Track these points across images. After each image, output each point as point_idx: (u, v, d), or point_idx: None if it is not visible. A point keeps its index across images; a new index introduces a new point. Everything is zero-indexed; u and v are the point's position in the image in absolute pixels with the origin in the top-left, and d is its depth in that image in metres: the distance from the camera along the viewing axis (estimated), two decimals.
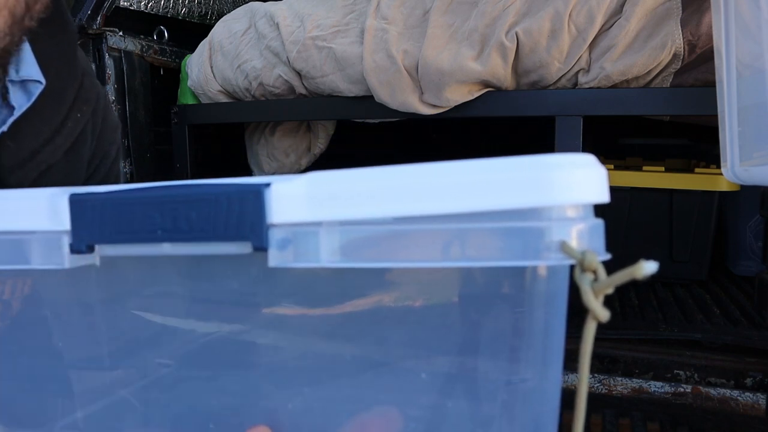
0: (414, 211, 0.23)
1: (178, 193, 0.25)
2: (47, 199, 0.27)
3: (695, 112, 0.85)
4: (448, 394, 0.26)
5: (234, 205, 0.24)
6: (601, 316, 0.21)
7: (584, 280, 0.21)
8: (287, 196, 0.24)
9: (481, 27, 0.88)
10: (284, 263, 0.24)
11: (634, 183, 1.12)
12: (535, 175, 0.22)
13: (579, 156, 0.23)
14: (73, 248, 0.26)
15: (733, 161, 0.61)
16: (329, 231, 0.24)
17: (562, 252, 0.21)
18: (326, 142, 1.31)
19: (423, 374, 0.27)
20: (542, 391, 0.25)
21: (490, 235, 0.22)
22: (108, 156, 0.65)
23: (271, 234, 0.24)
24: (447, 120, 0.97)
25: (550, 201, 0.22)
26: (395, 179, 0.23)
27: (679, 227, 1.13)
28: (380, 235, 0.23)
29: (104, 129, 0.64)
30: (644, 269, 0.20)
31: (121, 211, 0.25)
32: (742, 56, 0.58)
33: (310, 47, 0.99)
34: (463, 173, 0.22)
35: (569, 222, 0.22)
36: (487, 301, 0.26)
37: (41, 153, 0.54)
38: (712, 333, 0.89)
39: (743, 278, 1.22)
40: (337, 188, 0.24)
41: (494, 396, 0.26)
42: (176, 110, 1.18)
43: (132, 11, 1.15)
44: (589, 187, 0.22)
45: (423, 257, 0.23)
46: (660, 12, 0.82)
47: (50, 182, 0.56)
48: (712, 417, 0.84)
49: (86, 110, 0.60)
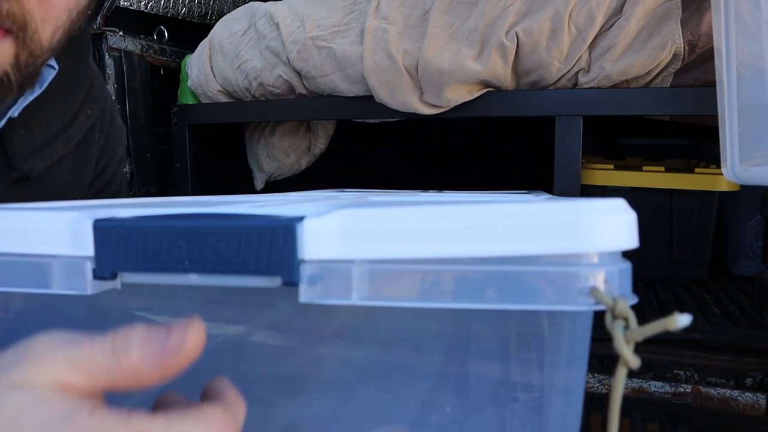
0: (447, 253, 0.23)
1: (207, 224, 0.24)
2: (70, 223, 0.26)
3: (695, 112, 0.85)
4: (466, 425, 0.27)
5: (265, 239, 0.23)
6: (632, 363, 0.21)
7: (617, 327, 0.21)
8: (319, 233, 0.24)
9: (481, 27, 0.88)
10: (314, 299, 0.24)
11: (634, 183, 1.12)
12: (570, 220, 0.22)
13: (611, 202, 0.23)
14: (96, 274, 0.26)
15: (733, 161, 0.61)
16: (361, 269, 0.24)
17: (593, 297, 0.22)
18: (326, 142, 1.31)
19: (447, 408, 0.27)
20: (563, 415, 0.25)
21: (523, 279, 0.22)
22: (115, 156, 0.66)
23: (302, 270, 0.24)
24: (447, 120, 0.97)
25: (583, 248, 0.22)
26: (428, 220, 0.23)
27: (679, 227, 1.13)
28: (412, 274, 0.23)
29: (111, 130, 0.65)
30: (678, 322, 0.20)
31: (147, 240, 0.25)
32: (742, 56, 0.58)
33: (310, 47, 0.99)
34: (497, 216, 0.23)
35: (601, 267, 0.22)
36: (511, 337, 0.26)
37: (54, 144, 0.55)
38: (712, 333, 0.89)
39: (743, 278, 1.22)
40: (371, 226, 0.23)
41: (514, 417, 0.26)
42: (176, 110, 1.18)
43: (132, 11, 1.15)
44: (621, 233, 0.22)
45: (455, 299, 0.23)
46: (660, 12, 0.82)
47: (60, 174, 0.57)
48: (712, 417, 0.84)
49: (95, 108, 0.61)
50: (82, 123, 0.58)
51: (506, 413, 0.27)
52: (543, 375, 0.25)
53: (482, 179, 1.89)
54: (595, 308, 0.22)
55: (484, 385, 0.27)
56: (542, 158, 1.16)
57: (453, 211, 0.23)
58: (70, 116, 0.57)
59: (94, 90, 0.61)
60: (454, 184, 1.08)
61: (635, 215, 0.23)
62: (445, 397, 0.28)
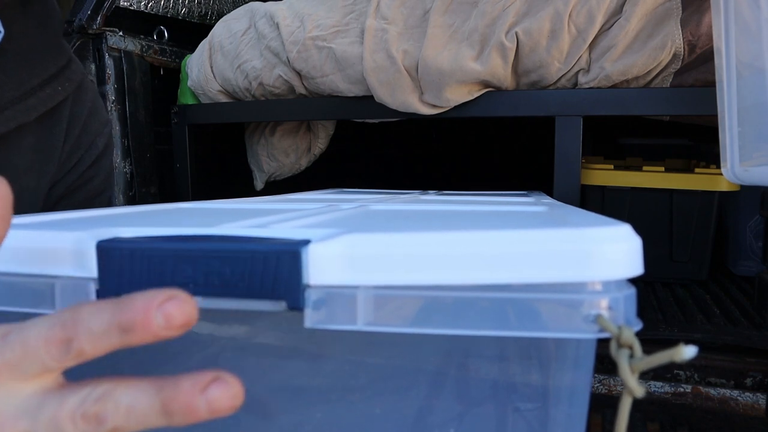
0: (452, 281, 0.23)
1: (211, 247, 0.24)
2: (72, 243, 0.26)
3: (695, 112, 0.85)
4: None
5: (270, 264, 0.24)
6: (638, 392, 0.21)
7: (622, 355, 0.21)
8: (325, 258, 0.24)
9: (481, 27, 0.88)
10: (319, 324, 0.24)
11: (634, 183, 1.12)
12: (576, 249, 0.22)
13: (617, 229, 0.23)
14: (99, 295, 0.26)
15: (733, 161, 0.61)
16: (366, 294, 0.24)
17: (598, 324, 0.22)
18: (326, 142, 1.31)
19: (451, 430, 0.27)
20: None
21: (528, 306, 0.23)
22: (94, 146, 0.66)
23: (308, 295, 0.24)
24: (447, 120, 0.97)
25: (589, 276, 0.22)
26: (434, 247, 0.23)
27: (679, 227, 1.13)
28: (417, 301, 0.23)
29: (90, 120, 0.65)
30: (684, 354, 0.20)
31: (152, 263, 0.25)
32: (742, 56, 0.58)
33: (310, 47, 0.99)
34: (503, 244, 0.23)
35: (606, 294, 0.22)
36: (514, 362, 0.26)
37: (9, 110, 0.55)
38: (712, 333, 0.89)
39: (743, 278, 1.22)
40: (376, 252, 0.24)
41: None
42: (176, 110, 1.18)
43: (132, 11, 1.15)
44: (627, 261, 0.23)
45: (459, 326, 0.23)
46: (660, 12, 0.82)
47: (21, 149, 0.57)
48: (712, 417, 0.84)
49: (68, 87, 0.61)
50: (47, 96, 0.58)
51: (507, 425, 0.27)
52: (548, 398, 0.26)
53: (482, 179, 1.89)
54: (599, 336, 0.22)
55: (485, 393, 0.27)
56: (542, 158, 1.16)
57: (459, 238, 0.23)
58: (31, 86, 0.57)
59: (70, 72, 0.62)
60: (454, 184, 1.08)
61: (640, 241, 0.23)
62: (445, 411, 0.28)
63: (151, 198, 1.18)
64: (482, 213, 0.44)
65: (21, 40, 0.56)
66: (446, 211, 0.46)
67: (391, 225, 0.34)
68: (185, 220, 0.38)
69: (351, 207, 0.49)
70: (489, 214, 0.43)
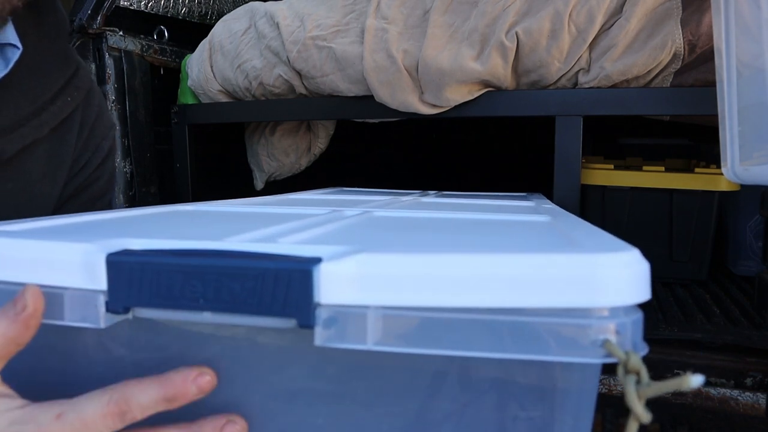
0: (461, 303, 0.23)
1: (222, 263, 0.24)
2: (82, 255, 0.26)
3: (695, 112, 0.85)
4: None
5: (281, 282, 0.24)
6: (644, 418, 0.21)
7: (629, 381, 0.22)
8: (336, 277, 0.24)
9: (481, 27, 0.88)
10: (329, 342, 0.24)
11: (634, 183, 1.12)
12: (584, 275, 0.22)
13: (625, 254, 0.23)
14: (109, 308, 0.26)
15: (733, 161, 0.61)
16: (377, 314, 0.24)
17: (606, 349, 0.22)
18: (326, 142, 1.31)
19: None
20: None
21: (536, 330, 0.23)
22: (100, 150, 0.66)
23: (318, 313, 0.24)
24: (447, 120, 0.97)
25: (596, 302, 0.22)
26: (443, 269, 0.23)
27: (679, 227, 1.13)
28: (426, 322, 0.23)
29: (97, 124, 0.65)
30: (691, 383, 0.20)
31: (161, 277, 0.25)
32: (742, 56, 0.58)
33: (310, 47, 0.99)
34: (511, 268, 0.23)
35: (613, 319, 0.22)
36: (520, 386, 0.26)
37: (25, 126, 0.55)
38: (712, 333, 0.89)
39: (743, 278, 1.22)
40: (387, 272, 0.24)
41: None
42: (176, 110, 1.18)
43: (132, 11, 1.15)
44: (635, 287, 0.23)
45: (467, 347, 0.23)
46: (660, 12, 0.82)
47: (34, 160, 0.57)
48: (712, 417, 0.84)
49: (77, 97, 0.61)
50: (58, 109, 0.58)
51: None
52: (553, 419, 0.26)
53: (482, 179, 1.89)
54: (606, 361, 0.22)
55: (486, 397, 0.27)
56: (542, 158, 1.16)
57: (468, 260, 0.23)
58: (44, 100, 0.57)
59: (78, 79, 0.61)
60: (453, 184, 1.08)
61: (648, 266, 0.23)
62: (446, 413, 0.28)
63: (151, 198, 1.18)
64: (486, 223, 0.44)
65: (33, 52, 0.56)
66: (450, 219, 0.46)
67: (399, 239, 0.33)
68: (192, 228, 0.38)
69: (355, 213, 0.49)
70: (493, 225, 0.43)
